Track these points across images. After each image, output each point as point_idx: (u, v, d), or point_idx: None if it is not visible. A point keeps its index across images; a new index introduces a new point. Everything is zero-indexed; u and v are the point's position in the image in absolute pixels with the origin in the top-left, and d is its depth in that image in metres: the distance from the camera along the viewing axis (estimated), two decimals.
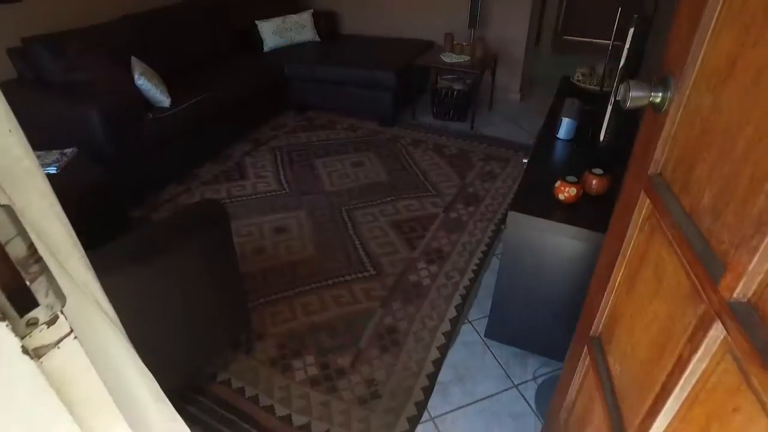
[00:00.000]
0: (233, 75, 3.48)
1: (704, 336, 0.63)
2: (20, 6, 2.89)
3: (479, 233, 2.59)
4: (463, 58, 3.62)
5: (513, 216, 1.58)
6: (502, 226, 2.66)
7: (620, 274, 1.00)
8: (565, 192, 1.56)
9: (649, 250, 0.87)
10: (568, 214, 1.55)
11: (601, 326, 1.11)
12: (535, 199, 1.62)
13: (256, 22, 3.97)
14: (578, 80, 2.50)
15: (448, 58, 3.64)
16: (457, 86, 3.70)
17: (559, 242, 1.56)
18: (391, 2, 4.26)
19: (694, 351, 0.65)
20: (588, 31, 6.21)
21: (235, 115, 3.45)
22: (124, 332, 0.73)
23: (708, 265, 0.64)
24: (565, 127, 1.98)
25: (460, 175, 3.13)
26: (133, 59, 3.12)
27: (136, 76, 2.86)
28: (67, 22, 3.12)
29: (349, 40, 4.23)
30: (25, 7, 2.91)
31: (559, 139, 2.01)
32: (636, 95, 0.83)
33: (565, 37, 6.35)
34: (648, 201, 0.89)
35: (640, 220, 0.92)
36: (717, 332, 0.60)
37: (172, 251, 1.36)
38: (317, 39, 4.17)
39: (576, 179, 1.57)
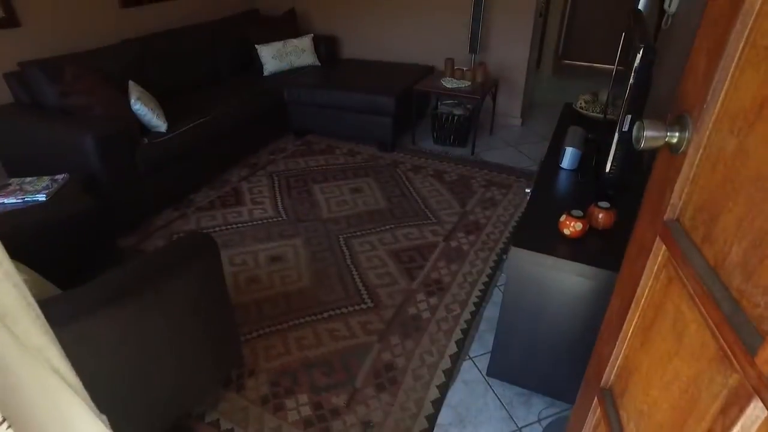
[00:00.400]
0: (232, 99, 3.45)
1: (740, 413, 0.55)
2: (19, 30, 2.87)
3: (480, 263, 2.52)
4: (464, 84, 3.59)
5: (515, 252, 1.51)
6: (504, 256, 2.58)
7: (633, 324, 0.93)
8: (571, 227, 1.49)
9: (666, 301, 0.80)
10: (574, 249, 1.48)
11: (612, 377, 1.03)
12: (538, 233, 1.56)
13: (257, 46, 3.96)
14: (581, 107, 2.45)
15: (449, 83, 3.61)
16: (458, 111, 3.66)
17: (565, 279, 1.49)
18: (391, 27, 4.27)
19: (728, 428, 0.57)
20: (588, 55, 6.24)
21: (233, 139, 3.41)
22: (84, 395, 0.66)
23: (740, 330, 0.57)
24: (568, 157, 1.92)
25: (461, 202, 3.06)
26: (131, 83, 3.09)
27: (132, 101, 2.83)
28: (65, 46, 3.11)
29: (349, 65, 4.22)
30: (23, 31, 2.89)
31: (562, 168, 1.95)
32: (651, 135, 0.77)
33: (565, 61, 6.37)
34: (664, 248, 0.82)
35: (656, 267, 0.85)
36: (757, 411, 0.53)
37: (158, 288, 1.29)
38: (317, 63, 4.16)
39: (582, 213, 1.50)
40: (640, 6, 2.60)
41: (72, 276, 1.84)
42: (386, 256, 2.57)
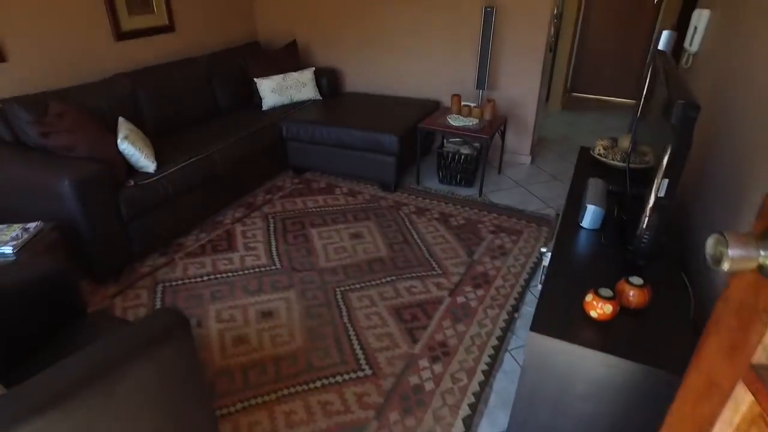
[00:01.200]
0: (228, 135, 3.29)
1: None
2: (4, 66, 2.73)
3: (489, 323, 2.30)
4: (471, 122, 3.42)
5: (534, 338, 1.29)
6: (516, 314, 2.36)
7: None
8: (599, 309, 1.28)
9: None
10: (602, 336, 1.27)
11: None
12: (560, 313, 1.34)
13: (256, 79, 3.83)
14: (599, 154, 2.26)
15: (455, 121, 3.44)
16: (465, 151, 3.49)
17: (592, 370, 1.27)
18: (396, 61, 4.14)
19: None
20: (598, 88, 6.10)
21: (228, 178, 3.23)
22: None
23: None
24: (590, 216, 1.72)
25: (468, 250, 2.86)
26: (121, 120, 2.94)
27: (119, 140, 2.66)
28: (55, 81, 2.97)
29: (352, 99, 4.07)
30: (10, 66, 2.75)
31: (583, 228, 1.75)
32: (737, 255, 0.57)
33: (574, 93, 6.23)
34: (752, 399, 0.61)
35: (738, 419, 0.64)
36: None
37: (119, 377, 1.08)
38: (318, 97, 4.02)
39: (611, 293, 1.29)
40: (662, 45, 2.43)
41: (25, 352, 1.63)
42: (386, 313, 2.35)
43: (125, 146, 2.68)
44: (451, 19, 3.80)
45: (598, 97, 6.14)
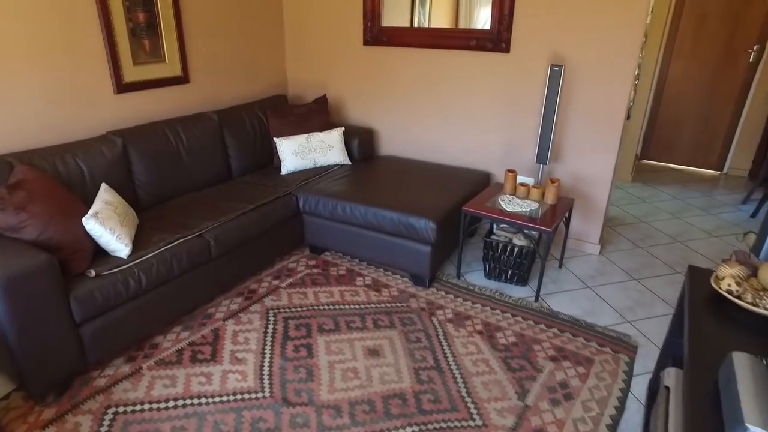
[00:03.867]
0: (229, 209, 2.75)
1: None
2: None
3: None
4: (529, 206, 2.74)
5: None
6: None
7: None
8: None
9: None
10: None
11: None
12: None
13: (276, 139, 3.31)
14: (729, 291, 1.52)
15: (509, 204, 2.77)
16: (519, 241, 2.79)
17: None
18: (440, 123, 3.54)
19: None
20: (675, 155, 5.29)
21: (229, 259, 2.66)
22: None
23: None
24: None
25: (520, 387, 2.12)
26: (103, 188, 2.45)
27: (84, 218, 2.14)
28: (39, 138, 2.53)
29: (385, 166, 3.47)
30: None
31: None
32: None
33: (645, 160, 5.45)
34: None
35: None
36: None
37: None
38: (347, 161, 3.45)
39: None
40: None
41: None
42: None
43: (92, 225, 2.15)
44: (508, 78, 3.19)
45: (674, 166, 5.33)
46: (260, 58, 3.76)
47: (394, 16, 3.48)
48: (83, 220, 2.15)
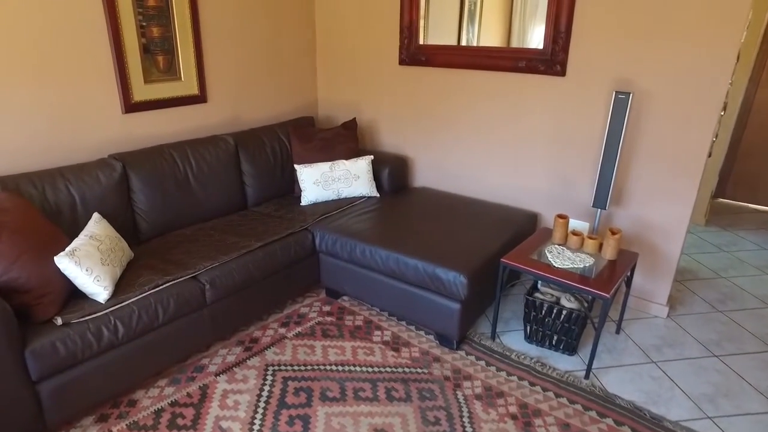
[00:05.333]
0: (240, 242, 2.44)
1: None
2: None
3: None
4: (582, 262, 2.27)
5: None
6: None
7: None
8: None
9: None
10: None
11: None
12: None
13: (297, 166, 3.00)
14: None
15: (559, 259, 2.31)
16: (568, 303, 2.32)
17: None
18: (482, 154, 3.12)
19: None
20: (760, 195, 4.60)
21: (227, 304, 2.35)
22: None
23: None
24: None
25: None
26: (94, 219, 2.22)
27: (57, 257, 1.87)
28: (32, 160, 2.32)
29: (417, 200, 3.08)
30: None
31: None
32: None
33: (720, 199, 4.78)
34: None
35: None
36: None
37: None
38: (374, 194, 3.09)
39: None
40: None
41: None
42: None
43: (65, 265, 1.88)
44: (562, 105, 2.74)
45: (757, 206, 4.63)
46: (288, 76, 3.48)
47: (440, 34, 3.10)
48: (55, 258, 1.88)
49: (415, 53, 3.15)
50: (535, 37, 2.77)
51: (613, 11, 2.46)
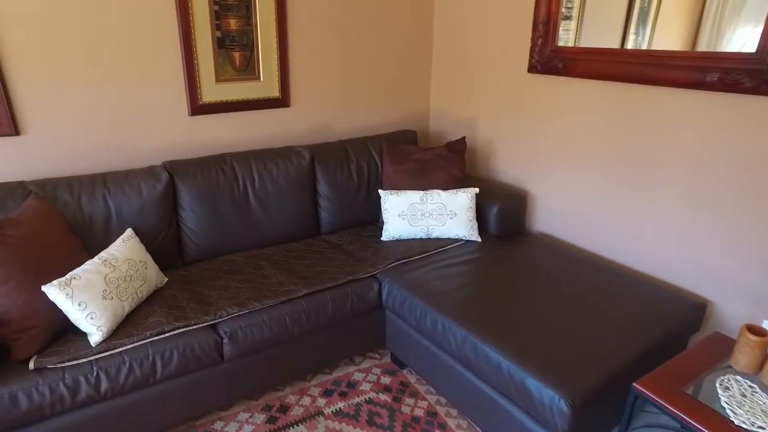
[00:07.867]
0: (284, 284, 1.97)
1: None
2: (21, 140, 1.95)
3: None
4: None
5: None
6: None
7: None
8: None
9: None
10: None
11: None
12: None
13: (381, 192, 2.43)
14: None
15: (739, 404, 1.40)
16: None
17: None
18: (632, 199, 2.21)
19: None
20: None
21: (252, 361, 1.88)
22: None
23: None
24: None
25: None
26: (126, 234, 1.93)
27: (46, 286, 1.56)
28: (80, 164, 2.11)
29: (530, 255, 2.30)
30: (29, 140, 1.96)
31: None
32: None
33: None
34: None
35: None
36: None
37: None
38: (474, 237, 2.39)
39: None
40: None
41: None
42: None
43: (55, 296, 1.57)
44: (752, 153, 1.75)
45: None
46: (394, 79, 2.93)
47: (598, 37, 2.26)
48: (43, 288, 1.57)
49: (550, 58, 2.36)
50: (735, 41, 1.81)
51: None
